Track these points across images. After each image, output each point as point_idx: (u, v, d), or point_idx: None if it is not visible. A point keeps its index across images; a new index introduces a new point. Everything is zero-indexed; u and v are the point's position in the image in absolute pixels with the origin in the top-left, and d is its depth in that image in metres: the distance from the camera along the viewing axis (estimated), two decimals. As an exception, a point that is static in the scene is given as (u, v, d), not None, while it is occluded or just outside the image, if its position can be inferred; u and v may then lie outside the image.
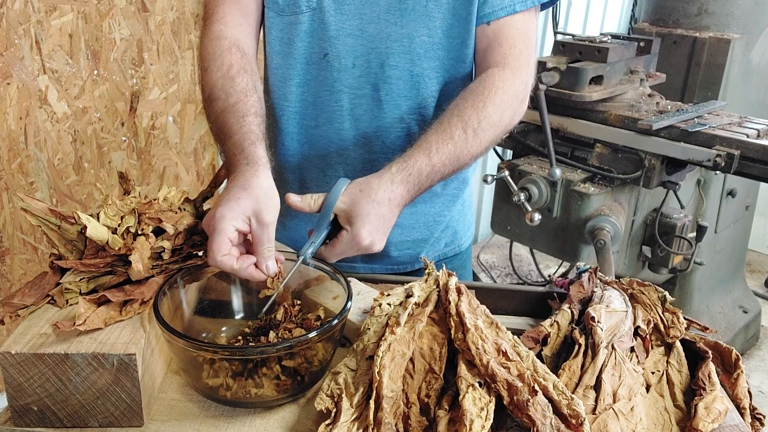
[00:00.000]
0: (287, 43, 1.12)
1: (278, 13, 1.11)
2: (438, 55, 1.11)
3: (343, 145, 1.17)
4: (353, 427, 0.72)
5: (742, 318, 2.90)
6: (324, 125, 1.16)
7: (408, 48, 1.10)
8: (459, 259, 1.37)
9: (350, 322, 0.93)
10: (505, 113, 1.05)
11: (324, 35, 1.10)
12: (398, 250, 1.26)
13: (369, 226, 0.91)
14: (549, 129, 1.90)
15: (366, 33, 1.09)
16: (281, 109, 1.18)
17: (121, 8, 1.96)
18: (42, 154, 1.90)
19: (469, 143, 1.01)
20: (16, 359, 0.73)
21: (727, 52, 2.41)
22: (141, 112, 2.12)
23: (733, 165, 1.77)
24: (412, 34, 1.09)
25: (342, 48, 1.10)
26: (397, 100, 1.13)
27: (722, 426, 0.78)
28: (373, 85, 1.12)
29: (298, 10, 1.09)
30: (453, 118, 1.02)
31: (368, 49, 1.10)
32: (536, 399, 0.71)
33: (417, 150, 0.98)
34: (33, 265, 2.00)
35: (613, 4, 4.06)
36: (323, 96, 1.14)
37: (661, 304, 0.95)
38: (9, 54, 1.76)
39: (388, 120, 1.15)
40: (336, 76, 1.12)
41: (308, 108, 1.16)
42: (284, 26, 1.11)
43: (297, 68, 1.14)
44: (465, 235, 1.38)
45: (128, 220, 0.88)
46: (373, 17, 1.08)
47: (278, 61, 1.15)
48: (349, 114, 1.14)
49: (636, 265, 2.30)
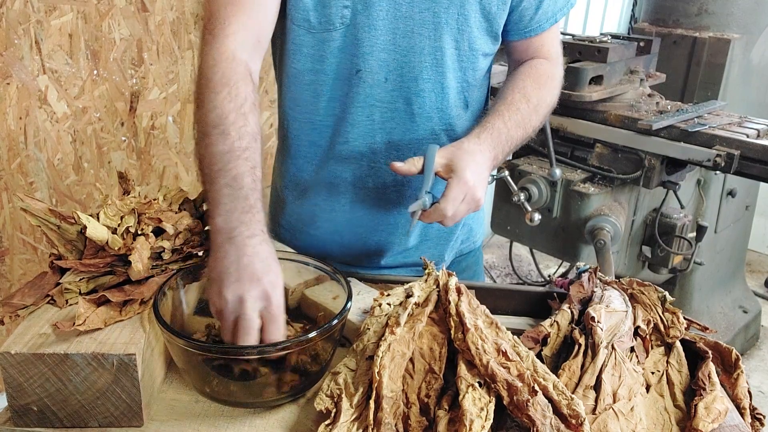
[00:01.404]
0: (318, 60, 1.10)
1: (309, 31, 1.08)
2: (463, 66, 1.14)
3: (375, 158, 1.17)
4: (353, 427, 0.72)
5: (742, 318, 2.90)
6: (356, 140, 1.16)
7: (440, 61, 1.11)
8: (473, 255, 1.39)
9: (350, 322, 0.93)
10: (553, 97, 1.20)
11: (357, 51, 1.09)
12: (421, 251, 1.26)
13: (470, 168, 1.00)
14: (549, 129, 1.89)
15: (399, 47, 1.09)
16: (312, 123, 1.17)
17: (121, 8, 1.96)
18: (42, 154, 1.90)
19: (531, 116, 1.13)
20: (16, 359, 0.73)
21: (727, 52, 2.41)
22: (141, 112, 2.12)
23: (733, 165, 1.76)
24: (443, 47, 1.10)
25: (375, 63, 1.09)
26: (429, 112, 1.15)
27: (722, 426, 0.78)
28: (405, 99, 1.13)
29: (331, 27, 1.07)
30: (515, 94, 1.13)
31: (401, 63, 1.10)
32: (536, 399, 0.71)
33: (492, 116, 1.09)
34: (33, 265, 2.00)
35: (613, 4, 4.06)
36: (355, 111, 1.13)
37: (661, 304, 0.95)
38: (9, 54, 1.76)
39: (420, 132, 1.16)
40: (369, 91, 1.11)
41: (339, 123, 1.15)
42: (315, 43, 1.09)
43: (328, 84, 1.12)
44: (479, 231, 1.40)
45: (128, 220, 0.88)
46: (406, 32, 1.08)
47: (309, 78, 1.12)
48: (381, 128, 1.15)
49: (636, 265, 2.29)
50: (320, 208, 1.23)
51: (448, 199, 0.99)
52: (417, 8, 1.07)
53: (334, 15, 1.06)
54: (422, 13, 1.07)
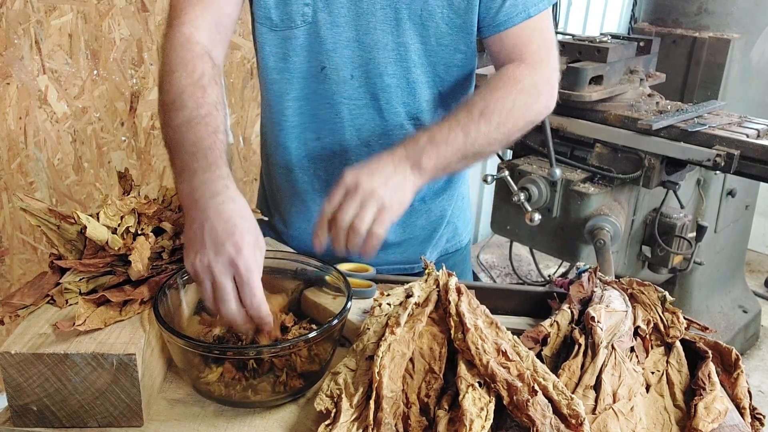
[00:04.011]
0: (283, 58, 1.11)
1: (272, 29, 1.09)
2: (432, 62, 1.13)
3: (346, 156, 1.18)
4: (353, 427, 0.72)
5: (741, 318, 2.90)
6: (326, 137, 1.17)
7: (404, 56, 1.11)
8: (459, 254, 1.39)
9: (350, 322, 0.93)
10: (520, 100, 1.04)
11: (320, 48, 1.09)
12: (403, 248, 1.27)
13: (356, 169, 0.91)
14: (549, 129, 1.89)
15: (362, 44, 1.09)
16: (279, 124, 1.18)
17: (121, 8, 1.96)
18: (42, 154, 1.90)
19: (479, 124, 0.99)
20: (16, 359, 0.73)
21: (726, 51, 2.41)
22: (141, 112, 2.11)
23: (733, 165, 1.76)
24: (407, 43, 1.10)
25: (339, 60, 1.10)
26: (397, 108, 1.15)
27: (722, 426, 0.78)
28: (372, 95, 1.13)
29: (293, 24, 1.08)
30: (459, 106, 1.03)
31: (365, 60, 1.10)
32: (536, 399, 0.71)
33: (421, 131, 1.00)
34: (32, 265, 2.00)
35: (613, 4, 4.06)
36: (323, 109, 1.14)
37: (661, 304, 0.95)
38: (9, 54, 1.76)
39: (389, 127, 1.16)
40: (335, 88, 1.12)
41: (308, 121, 1.16)
42: (279, 41, 1.10)
43: (294, 83, 1.13)
44: (465, 230, 1.39)
45: (128, 220, 0.88)
46: (369, 28, 1.08)
47: (274, 77, 1.14)
48: (350, 124, 1.15)
49: (636, 265, 2.29)
50: (298, 209, 1.25)
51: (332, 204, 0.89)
52: (378, 4, 1.07)
53: (295, 13, 1.07)
54: (384, 9, 1.07)
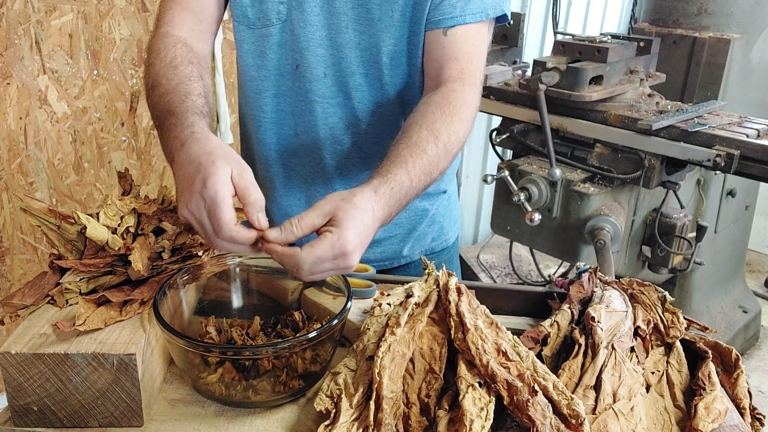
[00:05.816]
0: (260, 55, 1.15)
1: (249, 27, 1.13)
2: (402, 62, 1.13)
3: (321, 154, 1.19)
4: (353, 427, 0.72)
5: (742, 318, 2.90)
6: (302, 134, 1.19)
7: (376, 57, 1.11)
8: (446, 253, 1.39)
9: (350, 322, 0.93)
10: (468, 129, 1.03)
11: (295, 46, 1.12)
12: (383, 245, 1.27)
13: (355, 230, 0.80)
14: (549, 129, 1.90)
15: (335, 43, 1.11)
16: (258, 120, 1.20)
17: (121, 8, 1.96)
18: (42, 154, 1.90)
19: (440, 158, 0.97)
20: (16, 359, 0.73)
21: (726, 52, 2.40)
22: (141, 112, 2.12)
23: (733, 165, 1.76)
24: (379, 44, 1.10)
25: (312, 58, 1.12)
26: (370, 107, 1.15)
27: (722, 426, 0.78)
28: (345, 94, 1.14)
29: (268, 22, 1.11)
30: (422, 131, 0.96)
31: (338, 58, 1.12)
32: (536, 399, 0.71)
33: (394, 164, 0.91)
34: (33, 265, 2.00)
35: (613, 4, 4.06)
36: (299, 106, 1.16)
37: (661, 304, 0.95)
38: (9, 54, 1.76)
39: (362, 127, 1.17)
40: (309, 86, 1.14)
41: (285, 118, 1.19)
42: (255, 39, 1.14)
43: (271, 80, 1.16)
44: (451, 230, 1.39)
45: (128, 220, 0.88)
46: (341, 27, 1.10)
47: (252, 74, 1.17)
48: (324, 122, 1.16)
49: (636, 265, 2.29)
50: (279, 205, 1.26)
51: (314, 253, 0.78)
52: (350, 4, 1.08)
53: (270, 11, 1.10)
54: (355, 9, 1.08)
